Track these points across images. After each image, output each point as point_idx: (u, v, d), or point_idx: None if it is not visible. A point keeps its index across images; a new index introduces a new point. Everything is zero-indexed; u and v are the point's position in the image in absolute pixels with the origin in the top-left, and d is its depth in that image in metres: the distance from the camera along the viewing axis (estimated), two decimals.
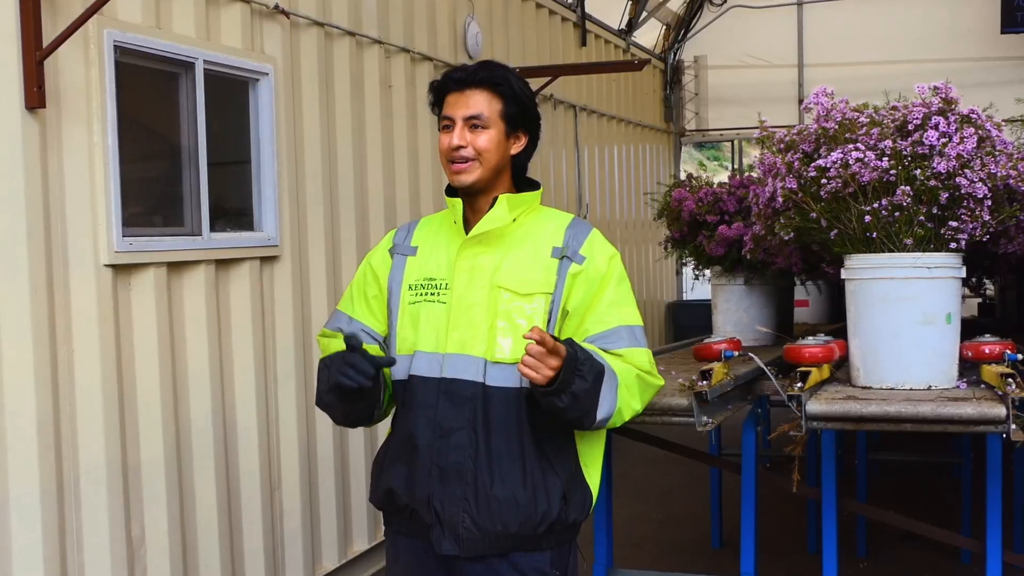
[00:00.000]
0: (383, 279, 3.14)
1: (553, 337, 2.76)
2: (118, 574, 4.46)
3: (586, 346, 2.91)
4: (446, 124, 3.02)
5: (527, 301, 2.98)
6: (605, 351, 2.96)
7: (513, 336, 2.96)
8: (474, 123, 2.99)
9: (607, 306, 3.01)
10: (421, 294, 3.05)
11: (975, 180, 3.83)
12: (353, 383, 2.83)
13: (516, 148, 3.08)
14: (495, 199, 3.03)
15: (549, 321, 2.98)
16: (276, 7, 5.46)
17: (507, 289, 2.98)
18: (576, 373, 2.77)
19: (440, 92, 3.06)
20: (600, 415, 2.88)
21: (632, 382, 2.96)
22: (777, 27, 13.25)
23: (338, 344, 3.06)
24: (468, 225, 3.07)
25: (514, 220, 3.04)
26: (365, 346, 2.90)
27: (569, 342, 2.82)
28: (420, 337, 3.02)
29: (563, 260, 3.01)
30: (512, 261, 3.01)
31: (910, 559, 6.42)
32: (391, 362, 2.92)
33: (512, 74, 3.06)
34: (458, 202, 3.06)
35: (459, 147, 2.98)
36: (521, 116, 3.05)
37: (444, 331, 2.99)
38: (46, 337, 4.16)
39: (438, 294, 3.03)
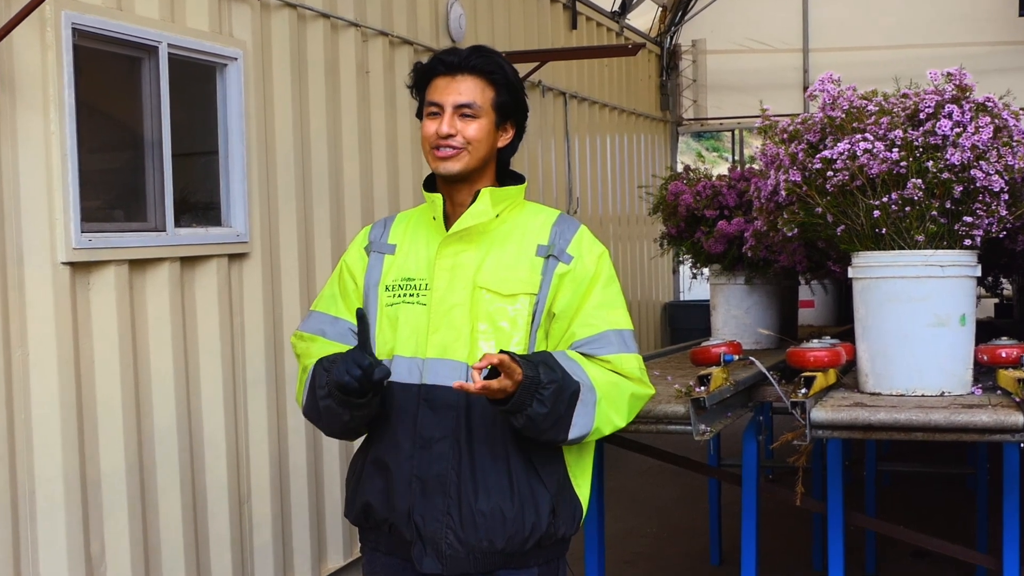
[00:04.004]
0: (359, 278, 3.14)
1: (512, 356, 2.78)
2: None
3: (571, 355, 2.94)
4: (433, 110, 3.02)
5: (510, 302, 2.99)
6: (592, 357, 2.98)
7: (496, 340, 2.97)
8: (465, 111, 2.99)
9: (594, 309, 3.02)
10: (399, 295, 3.05)
11: (991, 172, 3.84)
12: (358, 383, 2.82)
13: (503, 141, 3.09)
14: (477, 193, 3.04)
15: (532, 323, 2.99)
16: None
17: (489, 290, 2.99)
18: (536, 397, 2.81)
19: (427, 75, 3.06)
20: (573, 434, 2.91)
21: (616, 396, 2.97)
22: (780, 9, 13.27)
23: (320, 348, 3.08)
24: (447, 221, 3.08)
25: (497, 216, 3.05)
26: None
27: (540, 360, 2.86)
28: (399, 341, 3.02)
29: (549, 259, 3.02)
30: (495, 259, 3.02)
31: None
32: (387, 373, 2.89)
33: (505, 62, 3.07)
34: (438, 197, 3.06)
35: (448, 135, 2.98)
36: (512, 107, 3.07)
37: (424, 334, 2.99)
38: None
39: (417, 295, 3.03)
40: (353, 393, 2.85)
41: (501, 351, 2.81)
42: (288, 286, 5.85)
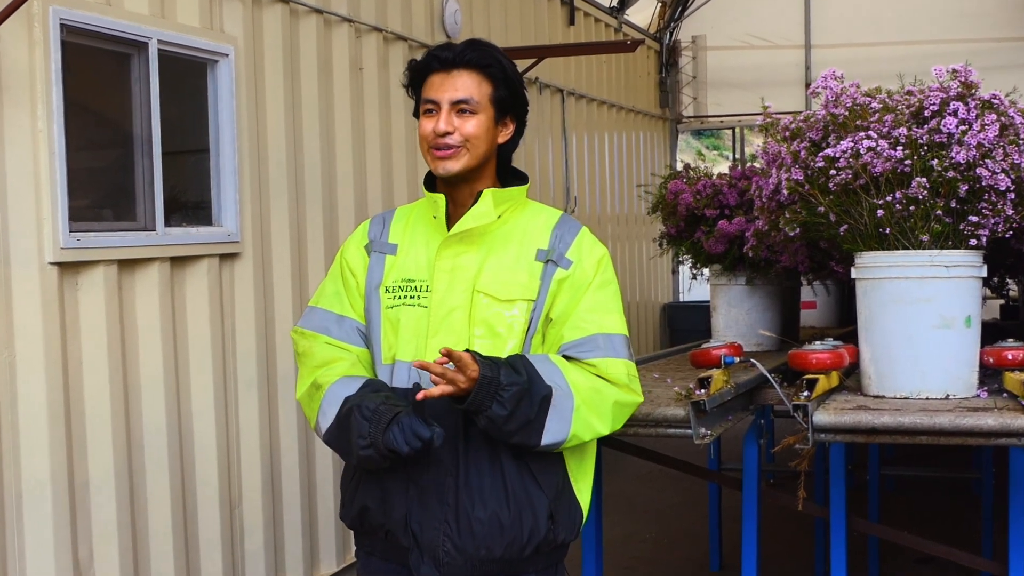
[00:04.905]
0: (360, 277, 3.13)
1: (474, 355, 2.80)
2: None
3: (553, 359, 2.94)
4: (429, 108, 3.02)
5: (507, 308, 2.99)
6: (577, 360, 2.97)
7: (492, 344, 2.97)
8: (462, 107, 2.99)
9: (585, 312, 3.01)
10: (399, 297, 3.04)
11: (997, 171, 3.84)
12: (415, 452, 2.80)
13: (504, 137, 3.08)
14: (479, 193, 3.04)
15: (528, 329, 2.99)
16: None
17: (487, 294, 2.99)
18: (495, 398, 2.80)
19: (422, 72, 3.05)
20: (547, 440, 2.90)
21: (598, 402, 2.96)
22: (782, 4, 13.25)
23: (324, 349, 3.08)
24: (448, 220, 3.07)
25: (499, 216, 3.04)
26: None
27: (505, 362, 2.86)
28: (400, 344, 3.02)
29: (548, 264, 3.02)
30: (495, 263, 3.02)
31: None
32: (443, 438, 2.85)
33: (502, 55, 3.07)
34: (441, 197, 3.06)
35: (446, 133, 2.98)
36: (511, 101, 3.06)
37: (424, 338, 2.99)
38: None
39: (418, 297, 3.03)
40: (403, 456, 2.82)
41: (466, 350, 2.83)
42: (280, 287, 5.84)
